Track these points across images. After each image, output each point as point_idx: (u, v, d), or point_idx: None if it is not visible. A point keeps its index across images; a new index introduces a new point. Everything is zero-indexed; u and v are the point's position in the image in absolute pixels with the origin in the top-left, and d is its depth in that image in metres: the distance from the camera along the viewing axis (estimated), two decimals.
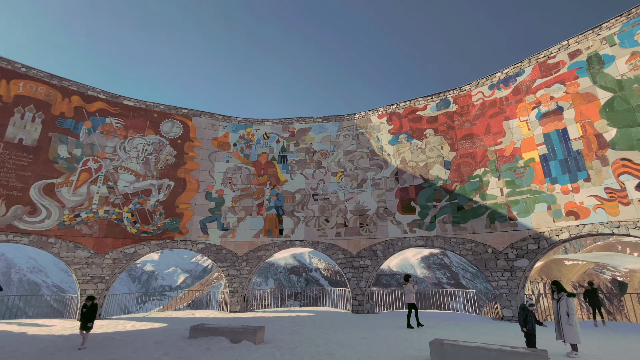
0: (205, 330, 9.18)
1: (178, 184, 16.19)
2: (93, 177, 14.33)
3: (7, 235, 12.18)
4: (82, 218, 13.65)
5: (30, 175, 12.95)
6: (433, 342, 7.00)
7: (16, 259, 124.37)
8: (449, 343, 6.80)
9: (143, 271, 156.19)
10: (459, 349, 6.60)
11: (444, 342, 6.85)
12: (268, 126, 18.55)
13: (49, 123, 13.82)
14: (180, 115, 17.27)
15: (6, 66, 13.31)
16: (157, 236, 15.17)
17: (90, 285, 13.37)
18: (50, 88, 14.17)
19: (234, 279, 15.80)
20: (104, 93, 15.50)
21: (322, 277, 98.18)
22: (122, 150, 15.35)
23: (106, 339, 9.40)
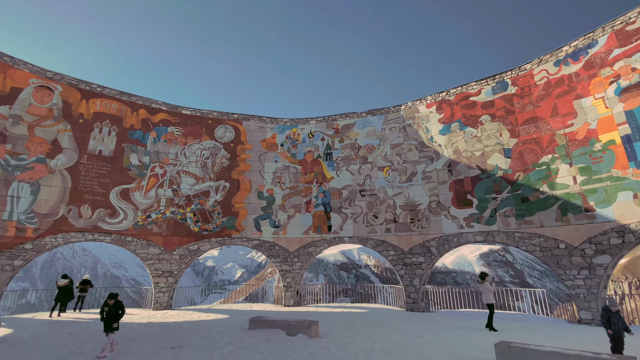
0: (263, 323, 9.63)
1: (233, 185, 17.21)
2: (160, 182, 15.88)
3: (93, 235, 14.05)
4: (152, 219, 15.22)
5: (109, 182, 14.77)
6: (499, 344, 6.50)
7: (101, 256, 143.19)
8: (517, 346, 6.26)
9: (205, 266, 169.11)
10: (530, 353, 6.04)
11: (512, 345, 6.33)
12: (312, 125, 18.77)
13: (121, 135, 15.61)
14: (231, 120, 18.30)
15: (85, 87, 15.31)
16: (217, 234, 16.30)
17: (161, 278, 14.86)
18: (121, 104, 15.98)
19: (287, 274, 16.35)
20: (165, 105, 17.03)
21: (372, 274, 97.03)
22: (182, 155, 16.76)
23: (177, 327, 10.37)
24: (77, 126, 14.61)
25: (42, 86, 14.13)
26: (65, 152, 14.05)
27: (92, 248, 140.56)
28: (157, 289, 14.73)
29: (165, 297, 14.78)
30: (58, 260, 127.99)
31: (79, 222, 13.75)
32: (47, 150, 13.68)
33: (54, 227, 13.23)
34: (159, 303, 14.61)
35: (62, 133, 14.15)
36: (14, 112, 13.24)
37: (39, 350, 7.51)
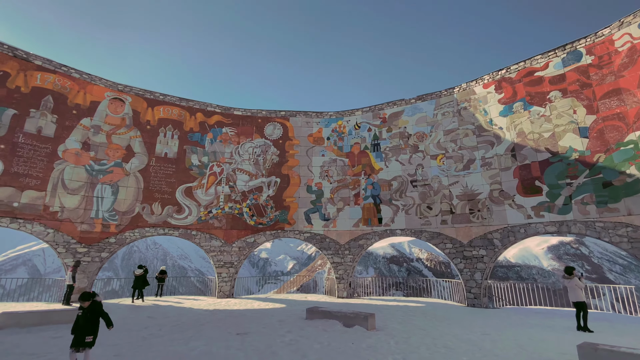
0: (320, 313, 9.83)
1: (283, 180, 17.75)
2: (218, 180, 17.00)
3: (164, 229, 15.56)
4: (213, 214, 16.40)
5: (175, 182, 16.19)
6: (583, 345, 5.80)
7: (169, 248, 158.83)
8: (605, 349, 5.53)
9: (259, 258, 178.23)
10: (622, 357, 5.29)
11: (599, 347, 5.60)
12: (358, 116, 18.47)
13: (182, 138, 16.95)
14: (279, 118, 18.79)
15: (150, 96, 16.85)
16: (271, 227, 17.00)
17: (223, 269, 15.97)
18: (181, 109, 17.32)
19: (338, 266, 16.47)
20: (219, 107, 18.07)
21: (424, 268, 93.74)
22: (237, 154, 17.70)
23: (240, 315, 11.06)
24: (145, 132, 16.21)
25: (115, 98, 15.89)
26: (137, 156, 15.73)
27: (162, 241, 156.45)
28: (220, 279, 15.87)
29: (227, 286, 15.87)
30: (135, 253, 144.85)
31: (151, 218, 15.34)
32: (123, 155, 15.42)
33: (132, 223, 14.94)
34: (222, 292, 15.74)
35: (133, 139, 15.83)
36: (94, 123, 15.12)
37: (126, 331, 8.54)
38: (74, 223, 13.75)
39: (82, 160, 14.44)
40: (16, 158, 12.98)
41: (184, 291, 63.03)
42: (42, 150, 13.63)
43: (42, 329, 8.43)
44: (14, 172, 12.84)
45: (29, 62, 13.96)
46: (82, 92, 15.11)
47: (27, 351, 6.54)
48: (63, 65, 14.77)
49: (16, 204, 12.72)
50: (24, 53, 13.88)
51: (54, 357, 6.25)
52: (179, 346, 7.08)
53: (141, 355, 6.41)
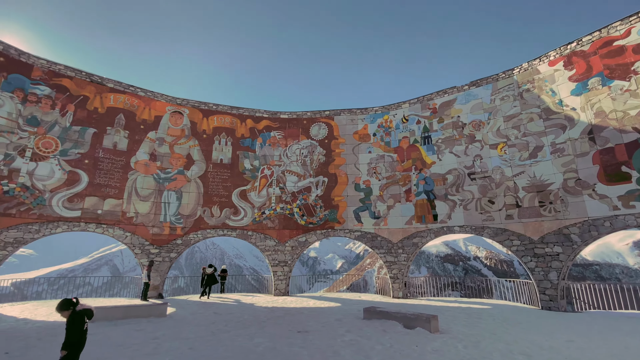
0: (378, 313, 9.60)
1: (331, 179, 17.78)
2: (269, 182, 17.63)
3: (223, 230, 16.53)
4: (266, 215, 17.03)
5: (231, 185, 17.12)
6: None
7: (226, 248, 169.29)
8: None
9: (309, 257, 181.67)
10: None
11: None
12: (405, 108, 17.77)
13: (235, 144, 17.86)
14: (323, 118, 18.87)
15: (204, 107, 18.02)
16: (321, 226, 17.14)
17: (278, 267, 16.49)
18: (232, 117, 18.27)
19: (392, 265, 16.01)
20: (267, 112, 18.71)
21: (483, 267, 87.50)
22: (285, 156, 18.17)
23: (297, 313, 11.28)
24: (202, 141, 17.39)
25: (175, 111, 17.29)
26: (197, 163, 16.94)
27: (219, 242, 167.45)
28: (276, 277, 16.41)
29: (283, 285, 16.35)
30: (196, 253, 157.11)
31: (211, 221, 16.40)
32: (184, 163, 16.72)
33: (195, 226, 16.11)
34: (278, 289, 16.25)
35: (192, 148, 17.08)
36: (158, 136, 16.59)
37: (196, 326, 9.19)
38: (146, 227, 15.25)
39: (150, 170, 15.97)
40: (98, 171, 14.77)
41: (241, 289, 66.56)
42: (118, 162, 15.33)
43: (126, 322, 9.44)
44: (96, 183, 14.63)
45: (103, 86, 15.80)
46: (147, 108, 16.69)
47: (116, 342, 7.34)
48: (131, 86, 16.46)
49: (100, 211, 14.48)
50: (98, 78, 15.74)
51: (138, 348, 6.92)
52: (244, 342, 7.41)
53: (212, 349, 6.82)
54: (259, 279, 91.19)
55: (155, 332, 8.24)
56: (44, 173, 13.56)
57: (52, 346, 6.91)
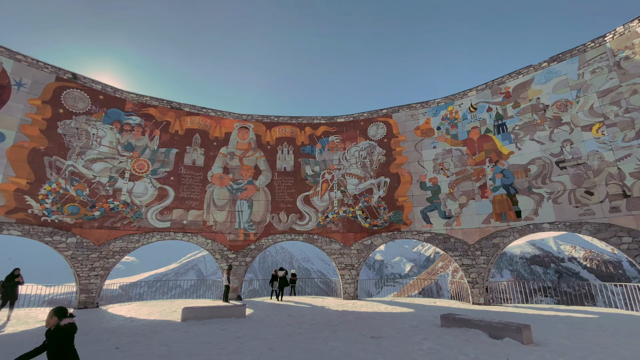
0: (458, 321, 8.87)
1: (393, 179, 17.20)
2: (330, 186, 17.84)
3: (290, 235, 17.18)
4: (330, 218, 17.23)
5: (295, 192, 17.78)
6: None
7: (294, 252, 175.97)
8: None
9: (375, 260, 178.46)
10: None
11: None
12: (472, 96, 16.33)
13: (296, 152, 18.53)
14: (381, 117, 18.42)
15: (267, 120, 19.08)
16: (386, 228, 16.65)
17: (345, 271, 16.46)
18: (292, 126, 19.01)
19: (470, 269, 14.71)
20: (324, 118, 19.04)
21: (582, 269, 75.43)
22: (344, 159, 18.20)
23: (369, 317, 11.06)
24: (267, 152, 18.43)
25: (242, 127, 18.66)
26: (264, 173, 18.04)
27: (287, 246, 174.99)
28: (344, 281, 16.40)
29: (351, 288, 16.25)
30: (267, 257, 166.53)
31: (280, 226, 17.21)
32: (253, 174, 17.91)
33: (265, 231, 17.08)
34: (347, 293, 16.20)
35: (259, 159, 18.23)
36: (229, 150, 18.07)
37: (273, 327, 9.62)
38: (224, 234, 16.67)
39: (224, 182, 17.47)
40: (181, 186, 16.67)
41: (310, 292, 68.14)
42: (197, 177, 17.10)
43: (212, 322, 10.35)
44: (181, 197, 16.50)
45: (181, 110, 17.84)
46: (218, 127, 18.33)
47: (204, 340, 8.07)
48: (203, 108, 18.29)
49: (185, 221, 16.28)
50: (177, 104, 17.82)
51: (223, 346, 7.50)
52: (318, 345, 7.50)
53: (289, 351, 7.05)
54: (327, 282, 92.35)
55: (237, 332, 8.86)
56: (140, 191, 15.80)
57: (152, 342, 7.91)
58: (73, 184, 14.15)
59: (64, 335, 3.80)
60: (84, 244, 14.04)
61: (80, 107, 15.00)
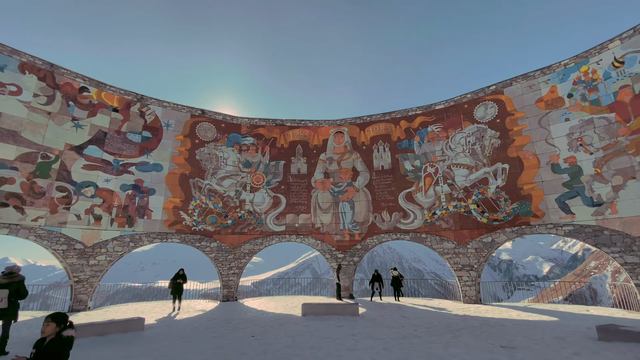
0: (624, 334, 6.94)
1: (513, 165, 14.79)
2: (435, 180, 16.58)
3: (396, 234, 16.71)
4: (438, 215, 15.99)
5: (395, 190, 17.27)
6: None
7: (403, 252, 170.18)
8: None
9: (500, 260, 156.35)
10: None
11: None
12: (615, 47, 12.68)
13: (393, 148, 18.01)
14: (489, 95, 16.17)
15: (359, 122, 19.21)
16: (510, 223, 14.39)
17: (463, 272, 14.95)
18: (385, 123, 18.60)
19: (637, 269, 11.30)
20: (419, 108, 17.94)
21: None
22: (448, 149, 16.67)
23: (497, 324, 9.72)
24: (363, 152, 18.55)
25: (337, 132, 19.35)
26: (362, 174, 18.20)
27: (395, 246, 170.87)
28: (462, 283, 14.92)
29: (472, 291, 14.64)
30: (375, 257, 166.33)
31: (383, 225, 16.98)
32: (351, 175, 18.30)
33: (369, 231, 17.13)
34: (468, 296, 14.66)
35: (356, 161, 18.52)
36: (328, 156, 18.96)
37: (387, 327, 9.51)
38: (331, 235, 17.53)
39: (326, 186, 18.41)
40: (290, 193, 18.36)
41: (425, 293, 65.10)
42: (302, 184, 18.56)
43: (328, 318, 10.95)
44: (291, 203, 18.18)
45: (284, 126, 19.72)
46: (316, 135, 19.50)
47: (323, 335, 8.60)
48: (302, 120, 19.78)
49: (297, 224, 17.83)
50: (280, 121, 19.78)
51: (340, 342, 7.83)
52: (438, 350, 7.03)
53: (405, 353, 6.84)
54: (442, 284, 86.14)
55: (352, 330, 9.12)
56: (259, 200, 18.13)
57: (279, 333, 8.89)
58: (210, 199, 17.34)
59: (63, 351, 3.12)
60: (222, 247, 16.98)
61: (209, 136, 18.33)
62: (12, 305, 6.54)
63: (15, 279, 6.68)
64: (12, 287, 6.58)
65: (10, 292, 6.53)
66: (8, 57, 13.23)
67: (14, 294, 6.57)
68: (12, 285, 6.59)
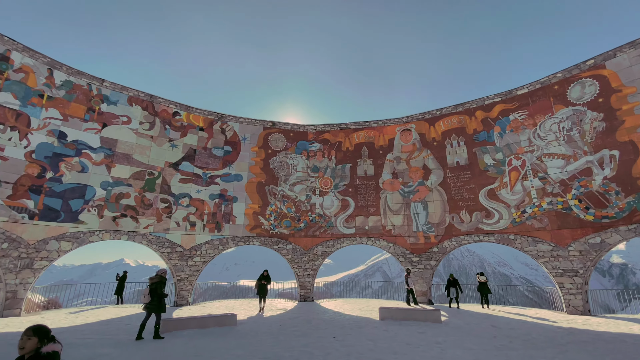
0: None
1: (625, 151, 12.38)
2: (522, 174, 14.78)
3: (478, 236, 15.34)
4: (528, 213, 14.19)
5: (474, 187, 15.88)
6: None
7: (484, 255, 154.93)
8: None
9: (611, 264, 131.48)
10: None
11: None
12: None
13: (469, 142, 16.64)
14: (586, 71, 13.86)
15: (428, 117, 18.24)
16: (624, 220, 12.03)
17: (564, 278, 12.97)
18: (458, 115, 17.31)
19: None
20: (498, 95, 16.27)
21: None
22: (536, 138, 14.73)
23: (614, 340, 8.19)
24: (434, 149, 17.57)
25: (404, 130, 18.71)
26: (434, 171, 17.22)
27: (475, 248, 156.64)
28: (564, 290, 12.95)
29: (578, 300, 12.61)
30: (452, 260, 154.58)
31: (462, 227, 15.75)
32: (422, 174, 17.47)
33: (447, 233, 16.07)
34: (573, 306, 12.66)
35: (426, 158, 17.62)
36: (395, 155, 18.45)
37: (476, 337, 8.78)
38: (404, 237, 16.95)
39: (395, 187, 17.92)
40: (358, 195, 18.36)
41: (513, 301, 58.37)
42: (370, 186, 18.39)
43: (408, 323, 10.59)
44: (360, 205, 18.16)
45: (348, 129, 19.87)
46: (381, 135, 19.17)
47: (405, 341, 8.36)
48: (366, 122, 19.67)
49: (367, 227, 17.72)
50: (344, 125, 19.97)
51: (424, 349, 7.50)
52: None
53: None
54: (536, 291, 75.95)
55: (436, 337, 8.67)
56: (328, 204, 18.55)
57: (360, 336, 8.92)
58: (284, 204, 18.38)
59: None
60: (297, 249, 17.81)
61: (280, 145, 19.49)
62: (154, 300, 8.28)
63: (155, 280, 8.52)
64: (153, 286, 8.42)
65: (151, 289, 8.36)
66: (119, 93, 16.08)
67: (154, 292, 8.34)
68: (152, 285, 8.43)
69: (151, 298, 8.25)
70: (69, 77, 14.59)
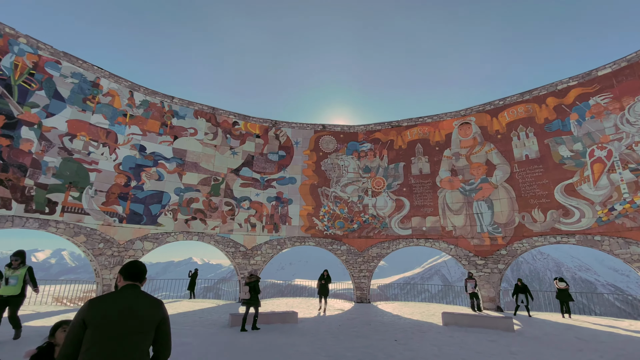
0: None
1: None
2: (607, 166, 12.90)
3: (555, 237, 13.74)
4: (618, 211, 12.33)
5: (548, 182, 14.28)
6: None
7: (561, 258, 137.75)
8: None
9: None
10: None
11: None
12: None
13: (539, 133, 15.03)
14: None
15: (489, 107, 16.89)
16: None
17: None
18: (525, 104, 15.74)
19: None
20: (573, 78, 14.39)
21: None
22: (624, 124, 12.75)
23: None
24: (498, 142, 16.21)
25: (463, 123, 17.59)
26: (499, 167, 15.87)
27: (549, 251, 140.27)
28: None
29: None
30: (522, 264, 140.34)
31: (535, 227, 14.26)
32: (485, 170, 16.22)
33: (516, 234, 14.68)
34: None
35: (489, 153, 16.33)
36: (453, 152, 17.42)
37: (556, 349, 7.89)
38: (466, 238, 15.90)
39: (454, 185, 16.91)
40: (414, 195, 17.71)
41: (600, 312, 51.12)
42: (426, 184, 17.62)
43: (475, 330, 9.92)
44: (416, 205, 17.50)
45: (400, 127, 19.31)
46: (437, 131, 18.27)
47: (474, 349, 7.85)
48: (419, 118, 18.93)
49: (424, 228, 17.01)
50: (396, 122, 19.45)
51: (498, 359, 6.97)
52: None
53: None
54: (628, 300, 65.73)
55: (509, 347, 8.00)
56: (381, 204, 18.23)
57: (423, 340, 8.61)
58: (337, 205, 18.55)
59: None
60: (351, 250, 17.82)
61: (330, 147, 19.74)
62: (253, 297, 9.56)
63: (253, 279, 9.86)
64: (252, 284, 9.66)
65: (250, 287, 9.65)
66: (186, 107, 17.76)
67: (253, 289, 9.64)
68: (251, 283, 9.70)
69: (250, 295, 9.48)
70: (146, 96, 16.55)
